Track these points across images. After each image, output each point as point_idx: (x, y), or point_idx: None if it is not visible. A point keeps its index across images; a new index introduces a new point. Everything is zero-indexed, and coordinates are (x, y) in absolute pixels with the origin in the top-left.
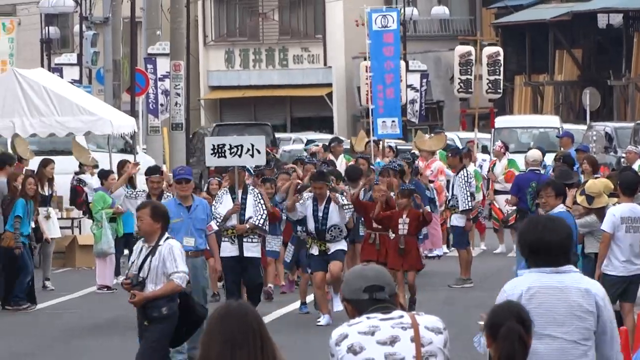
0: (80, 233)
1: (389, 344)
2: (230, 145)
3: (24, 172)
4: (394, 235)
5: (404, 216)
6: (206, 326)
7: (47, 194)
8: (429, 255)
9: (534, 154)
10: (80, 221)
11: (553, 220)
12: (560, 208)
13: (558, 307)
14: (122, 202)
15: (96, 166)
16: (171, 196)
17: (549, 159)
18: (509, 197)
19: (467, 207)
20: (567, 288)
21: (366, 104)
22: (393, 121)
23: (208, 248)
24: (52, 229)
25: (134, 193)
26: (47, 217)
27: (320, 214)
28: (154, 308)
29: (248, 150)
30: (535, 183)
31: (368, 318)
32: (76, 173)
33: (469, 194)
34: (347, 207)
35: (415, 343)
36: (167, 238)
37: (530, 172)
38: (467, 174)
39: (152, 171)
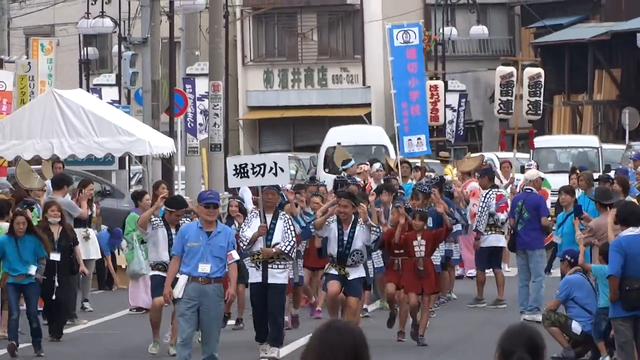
0: (118, 254)
1: None
2: (253, 165)
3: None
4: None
5: (419, 238)
6: (308, 341)
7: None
8: (469, 275)
9: (533, 173)
10: None
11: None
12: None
13: None
14: (148, 232)
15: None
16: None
17: None
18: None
19: (478, 228)
20: None
21: None
22: (419, 138)
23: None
24: (92, 250)
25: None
26: (87, 237)
27: (346, 238)
28: None
29: (271, 169)
30: (522, 202)
31: None
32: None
33: (486, 215)
34: (374, 229)
35: None
36: None
37: (523, 192)
38: (487, 197)
39: (180, 204)
